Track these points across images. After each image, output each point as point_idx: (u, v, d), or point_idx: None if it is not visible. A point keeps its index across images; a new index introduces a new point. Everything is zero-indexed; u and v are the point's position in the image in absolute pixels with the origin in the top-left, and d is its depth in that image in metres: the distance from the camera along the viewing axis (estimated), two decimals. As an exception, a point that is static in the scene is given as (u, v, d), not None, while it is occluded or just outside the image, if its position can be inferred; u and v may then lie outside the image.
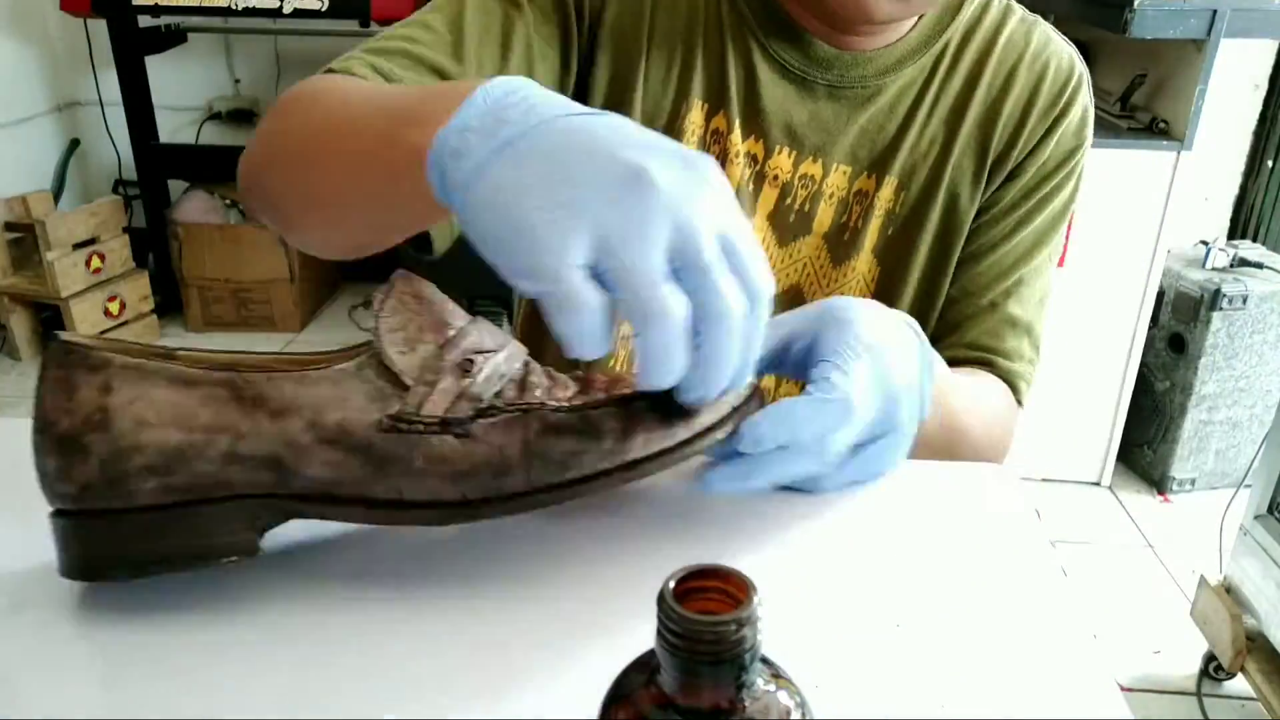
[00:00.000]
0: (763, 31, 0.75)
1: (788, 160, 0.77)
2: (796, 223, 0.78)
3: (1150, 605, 1.98)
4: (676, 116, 0.76)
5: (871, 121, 0.77)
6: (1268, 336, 2.16)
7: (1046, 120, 0.77)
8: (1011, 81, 0.77)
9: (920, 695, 0.42)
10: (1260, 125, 2.57)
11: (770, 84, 0.75)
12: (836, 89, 0.76)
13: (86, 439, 0.44)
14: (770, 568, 0.50)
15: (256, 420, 0.44)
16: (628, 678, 0.31)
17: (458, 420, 0.45)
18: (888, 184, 0.77)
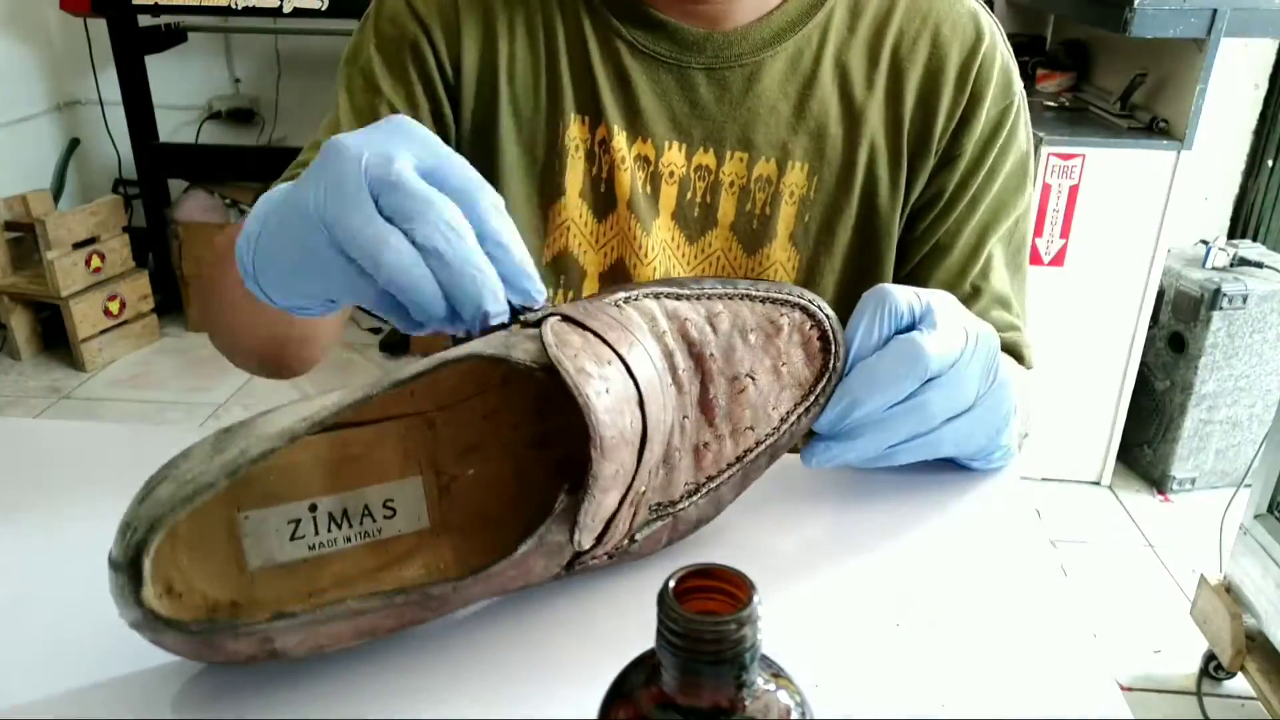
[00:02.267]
0: (624, 25, 0.72)
1: (679, 154, 0.74)
2: (701, 217, 0.75)
3: (1150, 605, 1.98)
4: (555, 135, 0.74)
5: (760, 102, 0.73)
6: (1268, 336, 2.16)
7: (963, 94, 0.73)
8: (915, 50, 0.73)
9: (920, 695, 0.42)
10: (1260, 125, 2.57)
11: (644, 79, 0.73)
12: (714, 71, 0.72)
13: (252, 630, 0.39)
14: (770, 568, 0.50)
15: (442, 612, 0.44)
16: (628, 677, 0.31)
17: (621, 549, 0.47)
18: (795, 168, 0.74)
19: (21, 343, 2.77)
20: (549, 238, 0.75)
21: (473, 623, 0.46)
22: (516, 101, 0.74)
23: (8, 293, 2.71)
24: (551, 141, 0.74)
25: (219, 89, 3.19)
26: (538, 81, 0.73)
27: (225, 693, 0.42)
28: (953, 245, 0.76)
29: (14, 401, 2.57)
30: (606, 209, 0.75)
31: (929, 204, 0.76)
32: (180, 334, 2.99)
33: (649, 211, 0.75)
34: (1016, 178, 0.77)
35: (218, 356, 0.72)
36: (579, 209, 0.75)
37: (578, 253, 0.76)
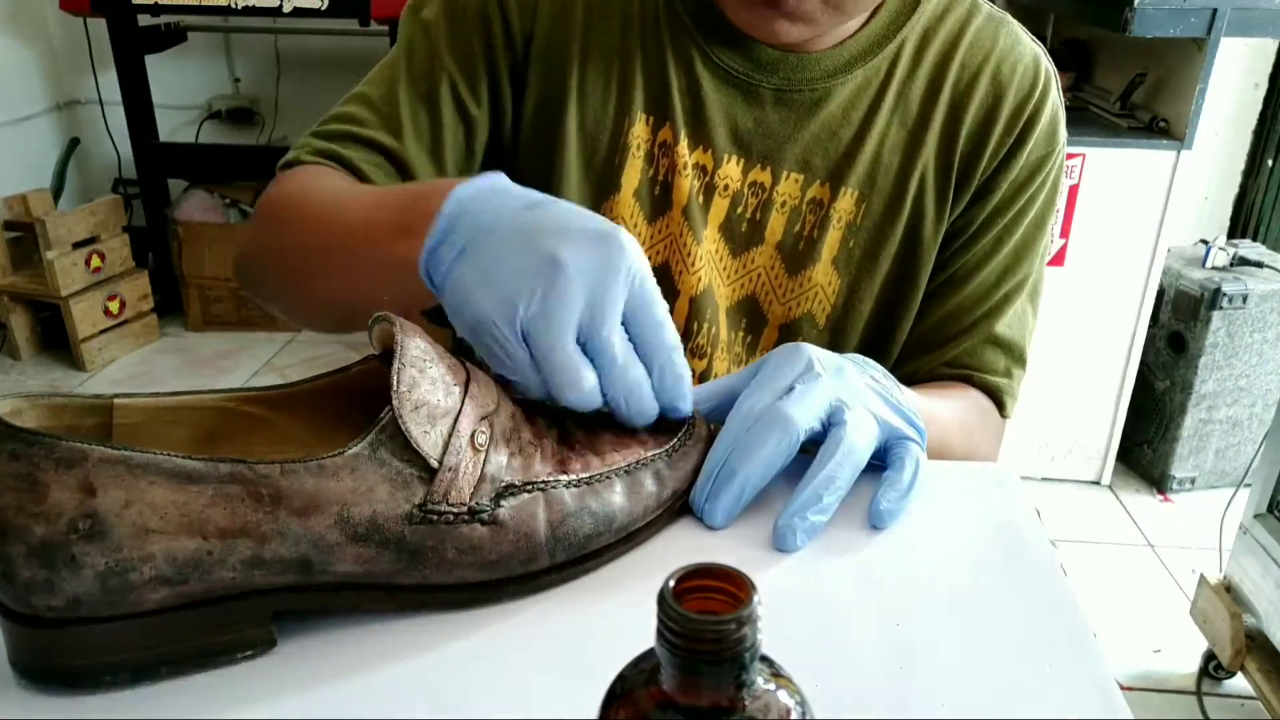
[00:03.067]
0: (703, 36, 0.73)
1: (736, 169, 0.74)
2: (748, 232, 0.76)
3: (1150, 604, 1.98)
4: (620, 131, 0.74)
5: (823, 127, 0.74)
6: (1268, 335, 2.16)
7: (1013, 132, 0.74)
8: (975, 87, 0.74)
9: (920, 695, 0.42)
10: (1260, 124, 2.57)
11: (713, 91, 0.73)
12: (783, 93, 0.73)
13: (75, 550, 0.38)
14: (770, 567, 0.50)
15: (280, 520, 0.41)
16: (628, 677, 0.31)
17: (483, 507, 0.45)
18: (846, 194, 0.74)
19: (21, 342, 2.77)
20: None
21: (472, 622, 0.46)
22: (585, 91, 0.74)
23: (7, 292, 2.71)
24: (615, 137, 0.74)
25: (219, 89, 3.19)
26: (609, 74, 0.73)
27: (225, 692, 0.42)
28: (969, 280, 0.77)
29: (14, 401, 2.57)
30: (659, 212, 0.75)
31: (955, 234, 0.76)
32: (180, 334, 2.99)
33: (700, 220, 0.75)
34: (1041, 226, 0.78)
35: (218, 356, 0.73)
36: (631, 208, 0.75)
37: None
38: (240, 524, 0.40)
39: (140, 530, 0.39)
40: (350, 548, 0.42)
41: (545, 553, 0.47)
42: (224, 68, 3.19)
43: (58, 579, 0.38)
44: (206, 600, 0.41)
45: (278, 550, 0.41)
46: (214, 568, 0.40)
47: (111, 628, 0.40)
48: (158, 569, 0.39)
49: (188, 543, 0.39)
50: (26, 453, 0.37)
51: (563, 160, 0.74)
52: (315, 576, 0.42)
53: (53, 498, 0.38)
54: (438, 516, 0.44)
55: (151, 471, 0.39)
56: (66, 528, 0.38)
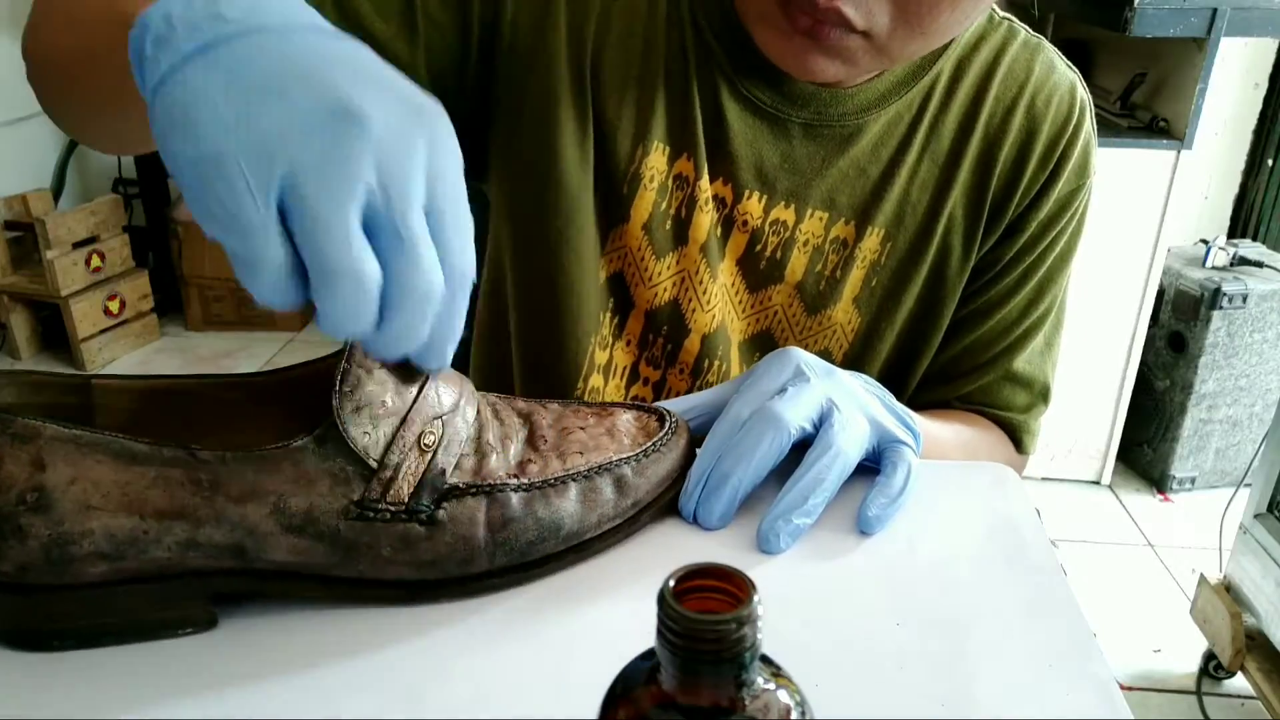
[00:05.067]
0: (732, 66, 0.68)
1: (758, 205, 0.70)
2: (767, 270, 0.72)
3: (1150, 604, 1.98)
4: (633, 160, 0.68)
5: (852, 164, 0.70)
6: (1268, 335, 2.16)
7: (1047, 168, 0.71)
8: (1009, 122, 0.70)
9: (920, 695, 0.42)
10: (1260, 124, 2.57)
11: (739, 123, 0.68)
12: (813, 128, 0.69)
13: (22, 520, 0.40)
14: (770, 567, 0.50)
15: (216, 506, 0.42)
16: (628, 677, 0.31)
17: (422, 507, 0.45)
18: (872, 234, 0.71)
19: (21, 342, 2.77)
20: (606, 257, 0.71)
21: (472, 622, 0.46)
22: (601, 109, 0.67)
23: (7, 292, 2.70)
24: (628, 165, 0.69)
25: (219, 88, 3.18)
26: (624, 96, 0.67)
27: (225, 692, 0.42)
28: (991, 315, 0.75)
29: (14, 401, 2.57)
30: (672, 247, 0.70)
31: (981, 270, 0.74)
32: (180, 333, 2.99)
33: (717, 256, 0.71)
34: (1065, 259, 0.76)
35: (218, 356, 0.70)
36: (639, 240, 0.70)
37: (630, 282, 0.71)
38: (178, 507, 0.42)
39: (82, 506, 0.41)
40: (284, 538, 0.43)
41: (484, 556, 0.46)
42: (224, 67, 3.18)
43: (5, 547, 0.41)
44: (144, 577, 0.43)
45: (212, 535, 0.42)
46: (149, 547, 0.42)
47: (55, 597, 0.42)
48: (96, 544, 0.41)
49: (125, 521, 0.41)
50: None
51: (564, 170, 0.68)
52: (250, 562, 0.43)
53: (5, 470, 0.40)
54: (374, 514, 0.44)
55: (99, 450, 0.41)
56: (15, 499, 0.40)
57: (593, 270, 0.71)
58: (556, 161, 0.68)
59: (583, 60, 0.66)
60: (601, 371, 0.74)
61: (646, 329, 0.73)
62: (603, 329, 0.73)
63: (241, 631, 0.45)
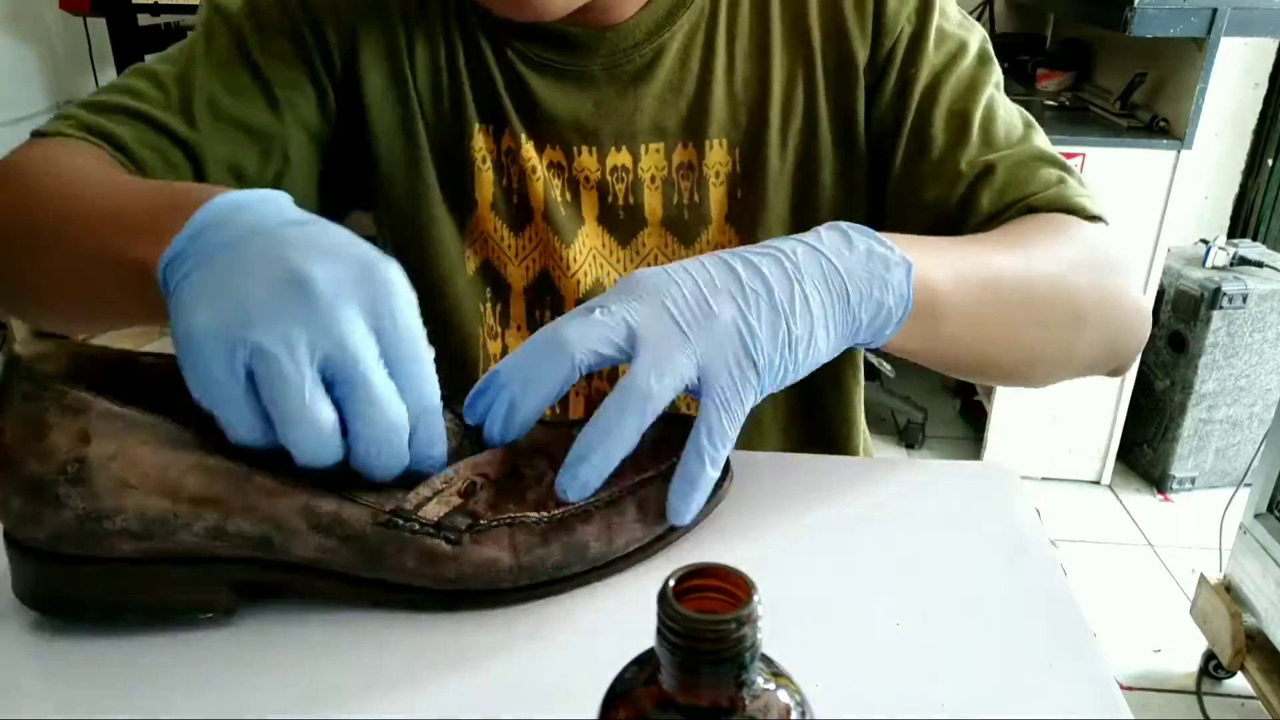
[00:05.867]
0: (514, 35, 0.68)
1: (591, 159, 0.70)
2: (628, 218, 0.71)
3: (1150, 604, 1.98)
4: (460, 145, 0.70)
5: (664, 86, 0.69)
6: (1268, 335, 2.16)
7: (867, 2, 0.68)
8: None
9: (920, 695, 0.42)
10: (1260, 124, 2.57)
11: (543, 89, 0.69)
12: (613, 68, 0.68)
13: (60, 490, 0.41)
14: (770, 567, 0.50)
15: (248, 497, 0.42)
16: (628, 677, 0.31)
17: (449, 526, 0.45)
18: (715, 147, 0.69)
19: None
20: (469, 250, 0.72)
21: (472, 622, 0.46)
22: (424, 111, 0.70)
23: (7, 292, 2.70)
24: (458, 153, 0.70)
25: (219, 88, 3.19)
26: (439, 90, 0.70)
27: (226, 691, 0.42)
28: (928, 132, 0.67)
29: (14, 401, 2.56)
30: (522, 221, 0.71)
31: (884, 120, 0.69)
32: (180, 333, 2.99)
33: (570, 220, 0.71)
34: (975, 52, 0.69)
35: None
36: (493, 222, 0.71)
37: (498, 266, 0.73)
38: (211, 495, 0.42)
39: (119, 483, 0.41)
40: (312, 536, 0.43)
41: (508, 578, 0.46)
42: (224, 67, 3.19)
43: (42, 513, 0.41)
44: (169, 558, 0.43)
45: (240, 525, 0.43)
46: (177, 530, 0.42)
47: (84, 568, 0.43)
48: (127, 522, 0.42)
49: (157, 503, 0.42)
50: (38, 393, 0.41)
51: (426, 181, 0.71)
52: (275, 555, 0.44)
53: (51, 439, 0.41)
54: (403, 523, 0.44)
55: (144, 431, 0.41)
56: (57, 468, 0.41)
57: (459, 263, 0.72)
58: (399, 167, 0.71)
59: (400, 65, 0.69)
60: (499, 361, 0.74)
61: (530, 308, 0.74)
62: (486, 319, 0.74)
63: (256, 624, 0.45)
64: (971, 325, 0.56)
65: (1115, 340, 0.65)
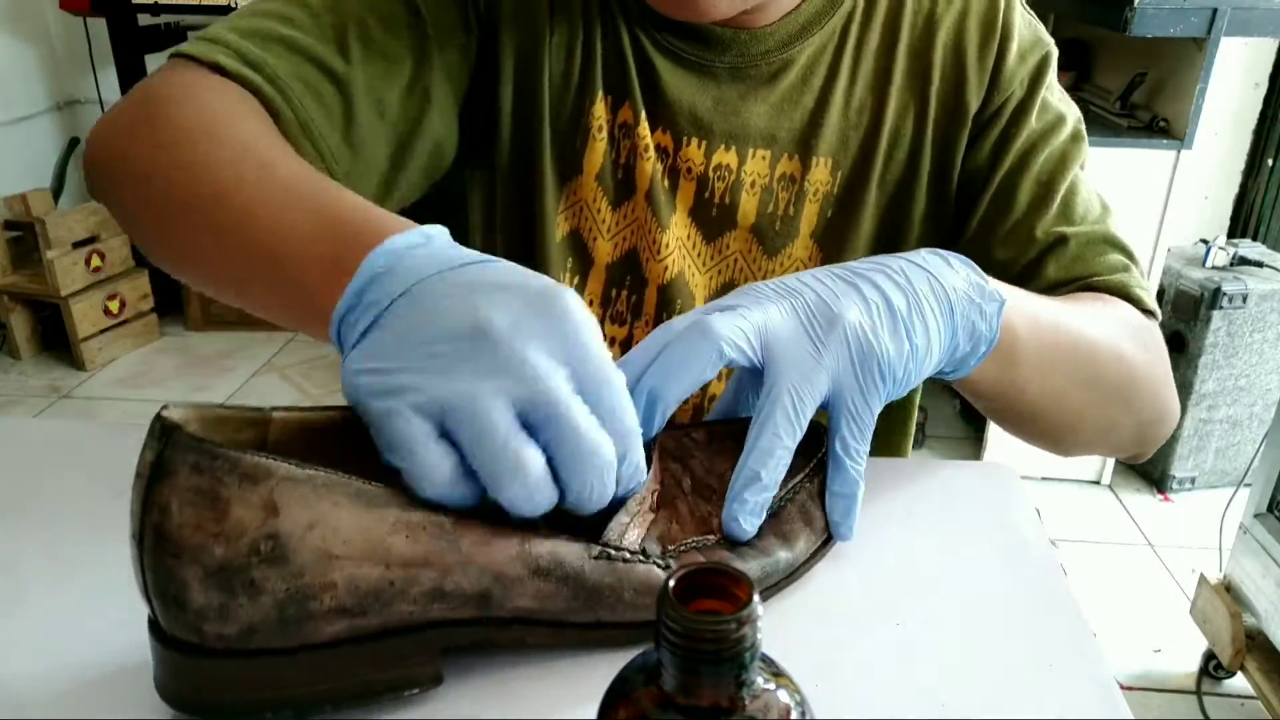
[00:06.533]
0: (650, 23, 0.69)
1: (699, 151, 0.71)
2: (719, 217, 0.72)
3: (1150, 604, 1.98)
4: (581, 111, 0.71)
5: (784, 98, 0.70)
6: (1268, 335, 2.17)
7: (990, 54, 0.70)
8: (933, 26, 0.70)
9: (920, 695, 0.42)
10: (1260, 124, 2.57)
11: (668, 73, 0.70)
12: (739, 69, 0.70)
13: (255, 573, 0.35)
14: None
15: (462, 551, 0.38)
16: (628, 677, 0.31)
17: (654, 552, 0.43)
18: (819, 165, 0.71)
19: (21, 342, 2.77)
20: (561, 215, 0.73)
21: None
22: (552, 73, 0.71)
23: (7, 292, 2.71)
24: (577, 117, 0.71)
25: (219, 88, 3.18)
26: (573, 53, 0.70)
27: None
28: (1013, 197, 0.70)
29: (14, 401, 2.57)
30: (623, 197, 0.72)
31: (977, 171, 0.72)
32: (180, 333, 2.99)
33: (666, 206, 0.72)
34: (1073, 138, 0.72)
35: (218, 356, 0.71)
36: (594, 192, 0.72)
37: (587, 239, 0.73)
38: (423, 553, 0.38)
39: (324, 555, 0.36)
40: (531, 582, 0.40)
41: None
42: (224, 67, 3.19)
43: (234, 605, 0.36)
44: (380, 634, 0.39)
45: (459, 582, 0.39)
46: (395, 599, 0.38)
47: (280, 662, 0.37)
48: (338, 599, 0.37)
49: (370, 571, 0.37)
50: (210, 466, 0.35)
51: (538, 140, 0.71)
52: (492, 611, 0.40)
53: (235, 515, 0.35)
54: (615, 552, 0.42)
55: (336, 492, 0.36)
56: (248, 549, 0.35)
57: (551, 229, 0.73)
58: (516, 124, 0.71)
59: (538, 25, 0.69)
60: None
61: (608, 285, 0.74)
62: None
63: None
64: (1039, 374, 0.57)
65: (1149, 431, 0.68)
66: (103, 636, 0.44)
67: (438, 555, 0.38)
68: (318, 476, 0.36)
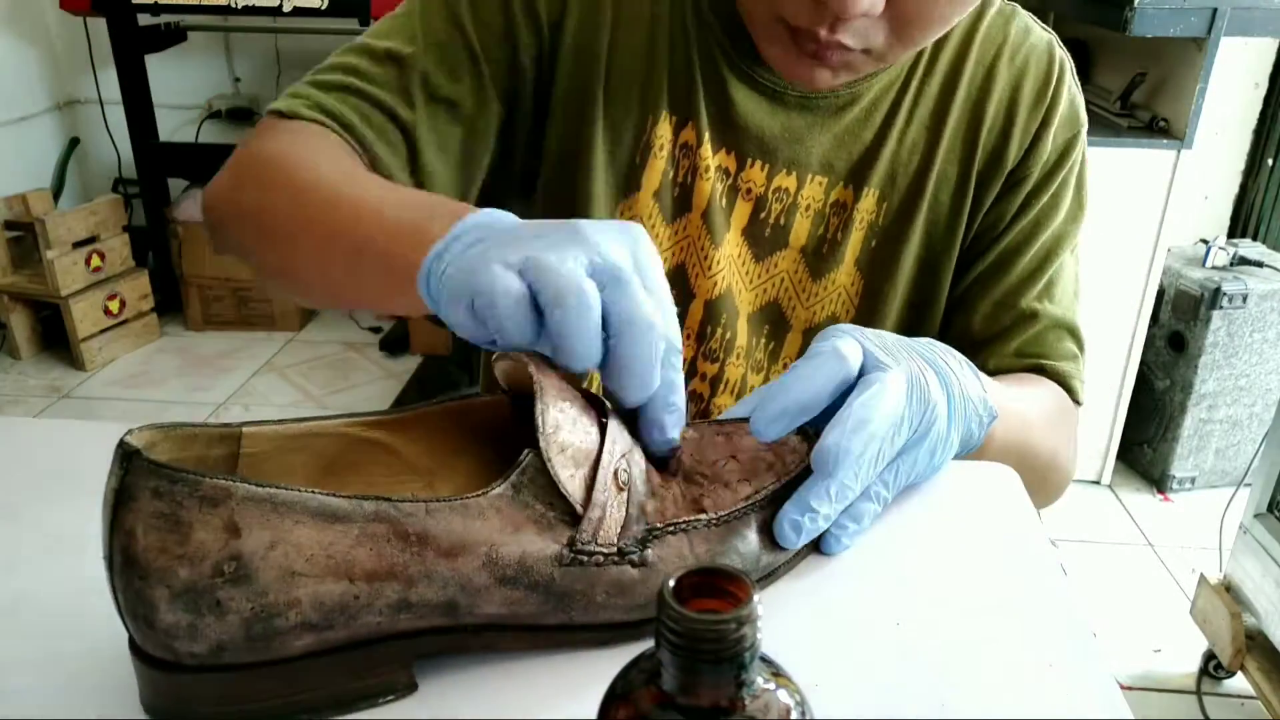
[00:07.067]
0: (730, 43, 0.72)
1: (760, 173, 0.74)
2: (772, 237, 0.75)
3: (1150, 604, 1.98)
4: (643, 130, 0.73)
5: (847, 131, 0.74)
6: (1268, 335, 2.17)
7: (1036, 118, 0.75)
8: (992, 80, 0.74)
9: (920, 695, 0.42)
10: (1260, 124, 2.57)
11: (740, 96, 0.73)
12: (809, 99, 0.73)
13: (221, 594, 0.36)
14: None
15: (427, 562, 0.39)
16: (628, 677, 0.31)
17: (631, 549, 0.43)
18: (868, 195, 0.75)
19: (21, 342, 2.77)
20: None
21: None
22: (611, 88, 0.72)
23: (7, 292, 2.71)
24: (638, 136, 0.73)
25: (219, 88, 3.19)
26: (635, 71, 0.72)
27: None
28: (1012, 265, 0.76)
29: (14, 401, 2.57)
30: (678, 214, 0.75)
31: (992, 225, 0.77)
32: (180, 333, 2.99)
33: (721, 224, 0.75)
34: (1076, 212, 0.78)
35: (218, 356, 0.72)
36: (649, 208, 0.74)
37: None
38: (387, 566, 0.38)
39: (286, 573, 0.37)
40: (499, 590, 0.40)
41: None
42: (224, 67, 3.19)
43: (202, 624, 0.37)
44: (350, 645, 0.39)
45: (424, 593, 0.39)
46: (360, 612, 0.38)
47: (253, 675, 0.38)
48: (304, 614, 0.38)
49: (334, 586, 0.38)
50: (170, 490, 0.36)
51: (588, 153, 0.73)
52: (460, 619, 0.41)
53: (197, 538, 0.36)
54: (588, 558, 0.42)
55: (297, 510, 0.37)
56: (212, 570, 0.36)
57: None
58: (579, 144, 0.73)
59: (597, 44, 0.72)
60: None
61: None
62: None
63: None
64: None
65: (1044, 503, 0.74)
66: (101, 637, 0.44)
67: (402, 567, 0.39)
68: (279, 495, 0.37)
